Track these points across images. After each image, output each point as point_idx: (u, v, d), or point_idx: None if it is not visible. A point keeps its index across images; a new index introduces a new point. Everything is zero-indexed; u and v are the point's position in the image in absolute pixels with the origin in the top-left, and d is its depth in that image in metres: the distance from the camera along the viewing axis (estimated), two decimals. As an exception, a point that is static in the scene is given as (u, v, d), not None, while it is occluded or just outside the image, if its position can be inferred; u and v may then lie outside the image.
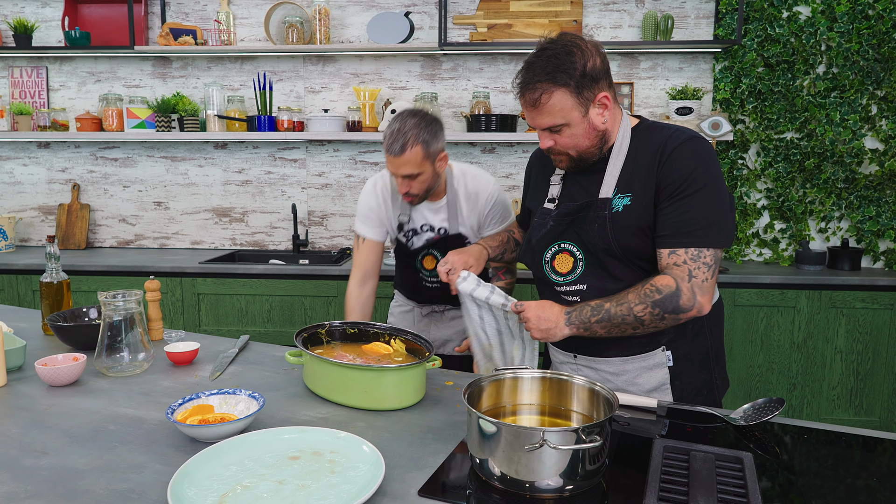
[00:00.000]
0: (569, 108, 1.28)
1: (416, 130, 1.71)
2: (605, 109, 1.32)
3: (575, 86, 1.27)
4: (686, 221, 1.28)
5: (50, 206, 3.56)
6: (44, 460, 1.05)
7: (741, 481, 0.97)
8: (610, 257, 1.36)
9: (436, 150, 1.76)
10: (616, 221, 1.33)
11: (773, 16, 2.98)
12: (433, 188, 1.84)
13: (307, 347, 1.40)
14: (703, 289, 1.28)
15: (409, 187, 1.78)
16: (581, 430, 0.92)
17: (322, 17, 3.13)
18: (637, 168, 1.35)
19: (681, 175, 1.28)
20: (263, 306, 2.96)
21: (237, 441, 1.05)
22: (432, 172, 1.79)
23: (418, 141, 1.71)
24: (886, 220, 3.00)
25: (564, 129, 1.31)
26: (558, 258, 1.42)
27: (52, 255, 1.73)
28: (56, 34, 3.40)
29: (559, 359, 1.52)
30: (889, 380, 2.79)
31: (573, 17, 3.17)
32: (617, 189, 1.35)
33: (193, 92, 3.40)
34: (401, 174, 1.75)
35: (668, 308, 1.27)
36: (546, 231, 1.43)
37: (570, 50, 1.27)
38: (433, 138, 1.75)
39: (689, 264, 1.28)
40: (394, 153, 1.72)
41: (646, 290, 1.29)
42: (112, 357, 1.45)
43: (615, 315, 1.29)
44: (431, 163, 1.77)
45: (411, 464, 1.04)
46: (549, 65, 1.26)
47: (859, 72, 2.95)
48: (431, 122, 1.76)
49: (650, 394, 1.42)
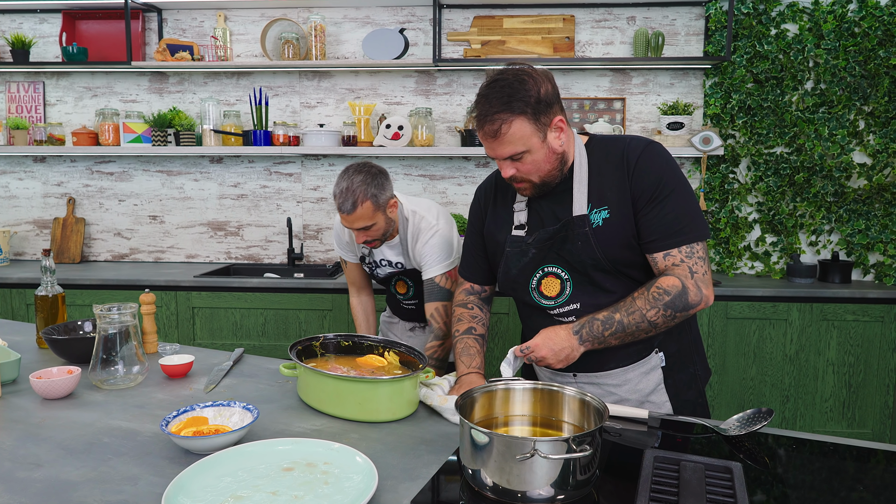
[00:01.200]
0: (528, 135, 1.29)
1: (364, 187, 1.81)
2: (560, 132, 1.34)
3: (532, 112, 1.28)
4: (671, 222, 1.31)
5: (45, 220, 3.57)
6: (38, 472, 1.05)
7: (730, 491, 0.98)
8: (598, 272, 1.37)
9: (384, 200, 1.86)
10: (599, 235, 1.34)
11: (762, 33, 3.04)
12: (388, 231, 1.94)
13: (301, 360, 1.41)
14: (705, 282, 1.33)
15: (365, 237, 1.89)
16: (571, 439, 0.93)
17: (318, 34, 3.17)
18: (604, 181, 1.37)
19: (653, 180, 1.32)
20: (258, 320, 2.97)
21: (231, 453, 1.06)
22: (385, 220, 1.89)
23: (367, 197, 1.81)
24: (875, 233, 3.04)
25: (525, 156, 1.32)
26: (545, 282, 1.42)
27: (48, 269, 1.74)
28: (53, 50, 3.43)
29: (556, 380, 1.49)
30: (881, 392, 2.81)
31: (565, 34, 3.22)
32: (591, 204, 1.36)
33: (190, 107, 3.43)
34: (355, 228, 1.86)
35: (678, 307, 1.30)
36: (529, 259, 1.42)
37: (521, 78, 1.29)
38: (380, 191, 1.84)
39: (687, 262, 1.32)
40: (346, 211, 1.82)
41: (653, 293, 1.30)
42: (107, 370, 1.45)
43: (629, 325, 1.31)
44: (383, 212, 1.87)
45: (404, 475, 1.05)
46: (504, 94, 1.28)
47: (846, 88, 3.01)
48: (377, 175, 1.85)
49: (649, 396, 1.42)
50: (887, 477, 1.10)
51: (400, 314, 2.19)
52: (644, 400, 1.43)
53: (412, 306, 2.13)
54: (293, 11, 3.32)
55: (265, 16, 3.34)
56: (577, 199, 1.37)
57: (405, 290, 2.09)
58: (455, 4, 3.22)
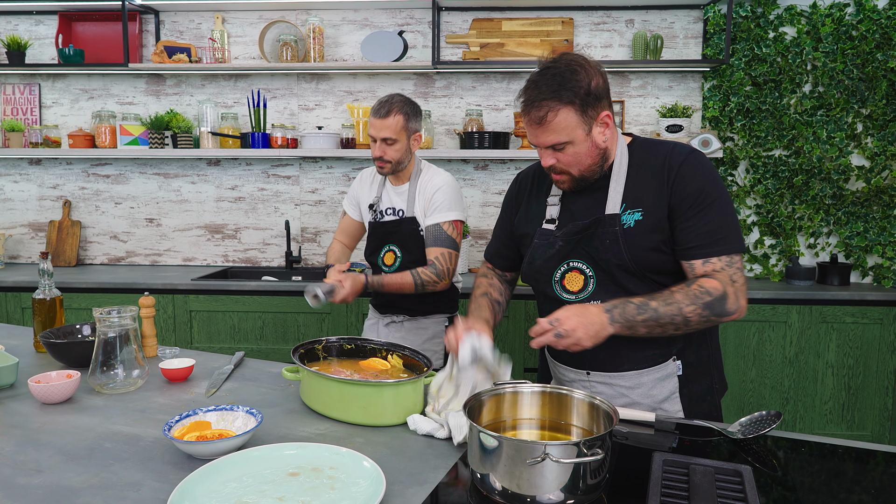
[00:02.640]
0: (573, 126, 1.28)
1: (401, 104, 2.02)
2: (606, 128, 1.33)
3: (580, 104, 1.27)
4: (712, 231, 1.30)
5: (40, 223, 3.54)
6: (38, 478, 1.03)
7: (741, 494, 0.97)
8: (623, 272, 1.35)
9: (414, 126, 2.05)
10: (629, 237, 1.33)
11: (760, 36, 3.05)
12: (403, 163, 2.08)
13: (304, 363, 1.39)
14: (742, 293, 1.32)
15: (383, 152, 2.03)
16: (582, 443, 0.92)
17: (316, 36, 3.16)
18: (642, 184, 1.36)
19: (696, 188, 1.31)
20: (256, 323, 2.95)
21: (235, 458, 1.04)
22: (406, 146, 2.04)
23: (401, 112, 2.00)
24: (874, 235, 3.05)
25: (568, 147, 1.31)
26: (568, 277, 1.41)
27: (46, 272, 1.72)
28: (49, 51, 3.41)
29: (568, 377, 1.48)
30: (880, 394, 2.81)
31: (564, 37, 3.22)
32: (625, 205, 1.35)
33: (187, 109, 3.41)
34: (380, 137, 2.00)
35: (716, 311, 1.28)
36: (555, 251, 1.41)
37: (573, 69, 1.28)
38: (414, 116, 2.05)
39: (727, 270, 1.31)
40: (379, 116, 2.00)
41: (694, 290, 1.29)
42: (106, 374, 1.43)
43: (663, 314, 1.27)
44: (408, 136, 2.03)
45: (411, 479, 1.04)
46: (555, 83, 1.27)
47: (844, 90, 3.02)
48: (415, 105, 2.07)
49: (661, 403, 1.41)
50: (890, 477, 1.10)
51: (381, 299, 2.21)
52: (656, 407, 1.41)
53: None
54: (291, 13, 3.31)
55: (263, 18, 3.33)
56: (611, 198, 1.36)
57: (392, 261, 2.13)
58: (454, 7, 3.21)
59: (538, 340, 1.25)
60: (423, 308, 2.16)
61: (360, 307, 2.91)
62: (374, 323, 2.27)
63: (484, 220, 3.37)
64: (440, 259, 2.02)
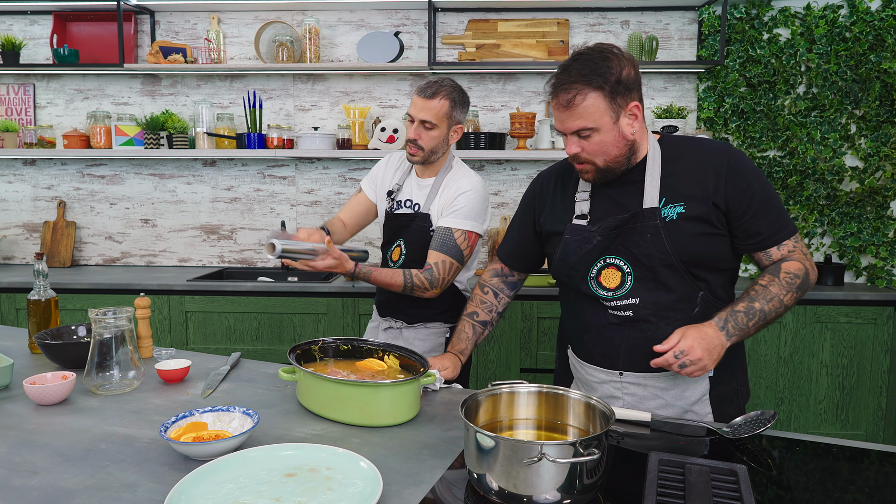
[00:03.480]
0: (600, 112, 1.28)
1: (451, 89, 1.87)
2: (635, 120, 1.32)
3: (609, 91, 1.27)
4: (776, 217, 1.35)
5: (35, 224, 3.52)
6: (34, 480, 1.03)
7: (737, 494, 0.98)
8: (664, 268, 1.34)
9: (458, 116, 1.90)
10: (672, 229, 1.32)
11: (754, 37, 3.06)
12: (437, 154, 1.92)
13: (301, 364, 1.39)
14: (812, 262, 1.39)
15: (418, 136, 1.87)
16: (579, 443, 0.92)
17: (312, 37, 3.16)
18: (681, 177, 1.35)
19: (749, 182, 1.33)
20: (252, 324, 2.94)
21: (232, 459, 1.04)
22: (445, 135, 1.89)
23: (449, 97, 1.85)
24: (868, 235, 3.07)
25: (593, 134, 1.30)
26: (605, 273, 1.38)
27: (41, 273, 1.72)
28: (44, 51, 3.40)
29: (599, 378, 1.44)
30: (874, 393, 2.83)
31: (560, 38, 3.23)
32: (664, 199, 1.35)
33: (183, 109, 3.40)
34: (420, 118, 1.85)
35: (804, 289, 1.35)
36: (591, 247, 1.39)
37: (606, 56, 1.28)
38: (461, 106, 1.90)
39: (800, 246, 1.38)
40: (425, 95, 1.84)
41: (785, 279, 1.33)
42: (102, 375, 1.43)
43: (769, 312, 1.31)
44: (448, 125, 1.88)
45: (408, 480, 1.04)
46: (585, 68, 1.27)
47: (838, 92, 3.03)
48: (465, 94, 1.92)
49: (693, 406, 1.39)
50: (886, 476, 1.10)
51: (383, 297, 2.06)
52: (688, 409, 1.39)
53: None
54: (287, 14, 3.31)
55: (259, 18, 3.33)
56: (648, 192, 1.35)
57: (398, 257, 2.00)
58: (450, 8, 3.22)
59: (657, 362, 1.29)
60: (425, 314, 2.00)
61: (357, 307, 2.91)
62: (374, 326, 2.14)
63: (480, 220, 3.37)
64: (439, 266, 1.85)
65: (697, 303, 1.36)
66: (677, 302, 1.35)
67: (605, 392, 1.44)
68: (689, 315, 1.36)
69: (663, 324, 1.35)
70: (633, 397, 1.40)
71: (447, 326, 2.02)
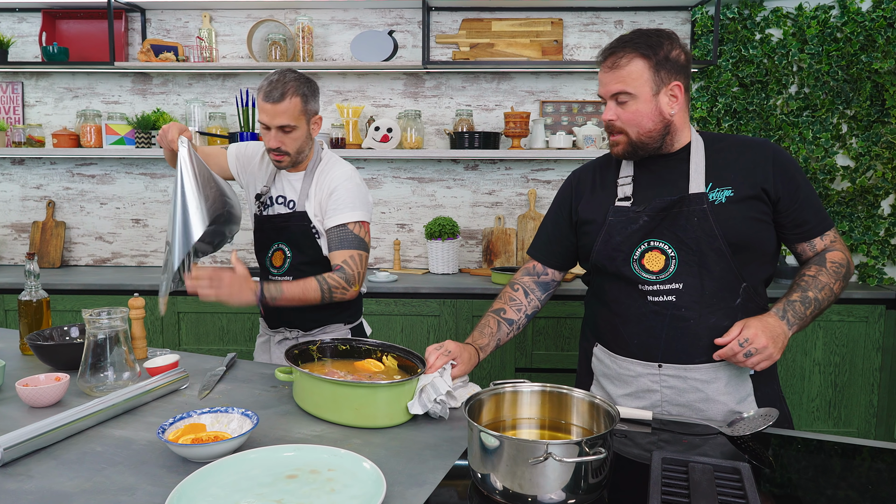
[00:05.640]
0: (642, 80, 1.32)
1: (296, 83, 1.72)
2: (675, 101, 1.35)
3: (655, 62, 1.31)
4: (819, 209, 1.40)
5: (23, 224, 3.48)
6: (29, 484, 1.01)
7: (741, 491, 0.97)
8: (712, 251, 1.33)
9: (313, 108, 1.78)
10: (721, 212, 1.33)
11: (747, 38, 3.08)
12: (304, 152, 1.81)
13: (298, 364, 1.38)
14: (850, 256, 1.43)
15: (280, 143, 1.75)
16: (585, 442, 0.92)
17: (305, 35, 3.14)
18: (726, 163, 1.37)
19: (793, 174, 1.37)
20: (245, 324, 2.92)
21: (232, 460, 1.03)
22: (306, 131, 1.78)
23: (298, 93, 1.71)
24: (859, 234, 3.09)
25: (631, 102, 1.33)
26: (648, 256, 1.37)
27: (32, 273, 1.69)
28: (33, 49, 3.35)
29: (636, 371, 1.41)
30: (866, 391, 2.85)
31: (554, 38, 3.23)
32: (711, 183, 1.36)
33: (174, 108, 3.37)
34: (276, 125, 1.72)
35: (848, 278, 1.38)
36: (637, 227, 1.38)
37: (661, 34, 1.35)
38: (312, 95, 1.76)
39: (839, 239, 1.43)
40: (273, 100, 1.69)
41: (831, 268, 1.36)
42: (96, 376, 1.41)
43: (822, 300, 1.33)
44: (307, 120, 1.77)
45: (411, 480, 1.03)
46: (639, 39, 1.33)
47: (829, 92, 3.06)
48: (310, 81, 1.77)
49: (739, 405, 1.36)
50: (891, 472, 1.11)
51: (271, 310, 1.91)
52: (734, 409, 1.35)
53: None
54: (280, 13, 3.28)
55: (251, 17, 3.30)
56: (693, 178, 1.36)
57: (281, 262, 1.87)
58: (443, 7, 3.21)
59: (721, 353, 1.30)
60: (321, 318, 1.89)
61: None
62: (264, 341, 1.99)
63: (474, 220, 3.37)
64: (350, 263, 1.75)
65: (740, 293, 1.35)
66: (720, 290, 1.34)
67: (641, 386, 1.40)
68: (732, 306, 1.35)
69: (706, 312, 1.34)
70: (672, 390, 1.37)
71: (348, 328, 1.95)
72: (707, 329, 1.34)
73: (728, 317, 1.34)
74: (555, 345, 2.88)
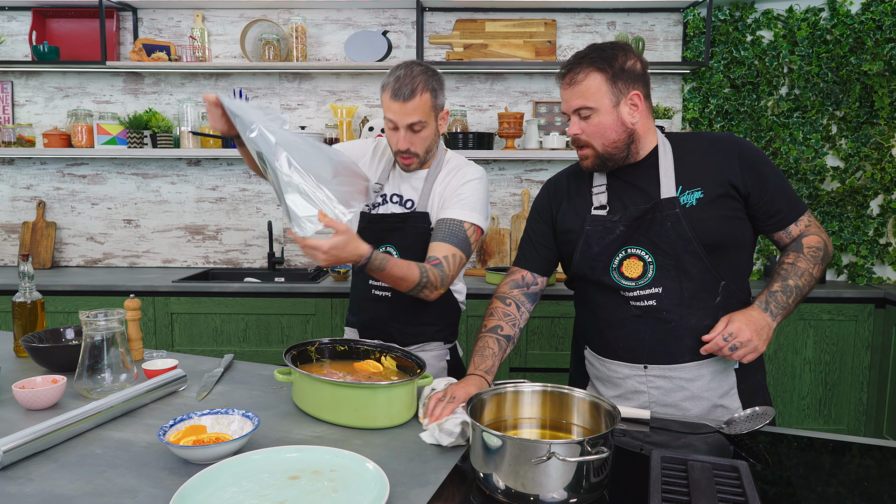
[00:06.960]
0: (600, 93, 1.34)
1: (425, 77, 1.58)
2: (635, 109, 1.37)
3: (611, 74, 1.34)
4: (789, 195, 1.41)
5: (13, 225, 3.44)
6: (30, 487, 1.01)
7: (740, 489, 0.99)
8: (687, 255, 1.35)
9: (441, 103, 1.64)
10: (692, 215, 1.35)
11: (738, 39, 3.10)
12: (431, 151, 1.68)
13: (297, 365, 1.38)
14: (828, 236, 1.46)
15: (410, 143, 1.61)
16: (587, 441, 0.93)
17: (299, 35, 3.13)
18: (693, 165, 1.39)
19: (760, 165, 1.38)
20: (239, 325, 2.91)
21: (234, 462, 1.03)
22: (435, 129, 1.65)
23: (427, 88, 1.58)
24: (848, 234, 3.13)
25: (593, 115, 1.36)
26: (626, 263, 1.40)
27: (26, 274, 1.68)
28: (22, 48, 3.32)
29: (623, 373, 1.43)
30: (855, 389, 2.88)
31: (547, 39, 3.24)
32: (680, 187, 1.38)
33: (166, 108, 3.35)
34: (406, 123, 1.58)
35: (826, 260, 1.40)
36: (615, 237, 1.40)
37: (615, 46, 1.37)
38: (440, 90, 1.63)
39: (814, 221, 1.44)
40: (403, 98, 1.55)
41: (809, 253, 1.38)
42: (93, 378, 1.40)
43: (803, 287, 1.35)
44: (436, 117, 1.64)
45: (413, 481, 1.04)
46: (594, 53, 1.36)
47: (819, 93, 3.09)
48: (437, 74, 1.63)
49: (721, 399, 1.39)
50: (887, 469, 1.12)
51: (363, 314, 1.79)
52: (717, 403, 1.38)
53: (385, 296, 1.74)
54: (273, 12, 3.27)
55: (244, 16, 3.29)
56: (664, 183, 1.38)
57: None
58: (437, 8, 3.21)
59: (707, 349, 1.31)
60: (423, 333, 1.75)
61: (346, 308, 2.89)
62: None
63: (468, 220, 3.37)
64: (450, 261, 1.60)
65: (719, 292, 1.37)
66: (699, 291, 1.36)
67: (629, 387, 1.42)
68: (712, 305, 1.37)
69: (687, 314, 1.36)
70: (659, 390, 1.39)
71: (447, 348, 1.80)
72: (689, 330, 1.36)
73: (709, 316, 1.37)
74: (549, 344, 2.89)
